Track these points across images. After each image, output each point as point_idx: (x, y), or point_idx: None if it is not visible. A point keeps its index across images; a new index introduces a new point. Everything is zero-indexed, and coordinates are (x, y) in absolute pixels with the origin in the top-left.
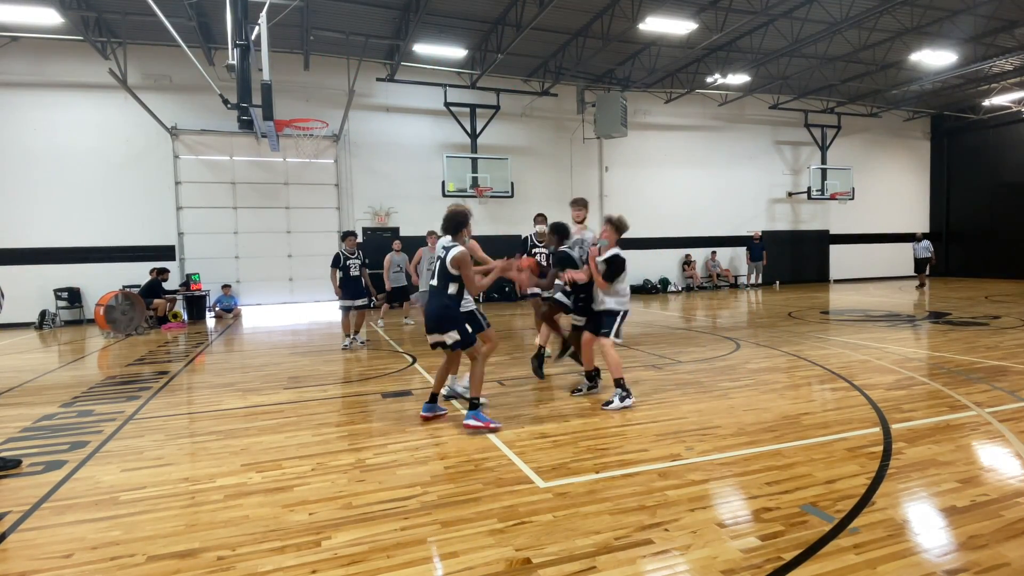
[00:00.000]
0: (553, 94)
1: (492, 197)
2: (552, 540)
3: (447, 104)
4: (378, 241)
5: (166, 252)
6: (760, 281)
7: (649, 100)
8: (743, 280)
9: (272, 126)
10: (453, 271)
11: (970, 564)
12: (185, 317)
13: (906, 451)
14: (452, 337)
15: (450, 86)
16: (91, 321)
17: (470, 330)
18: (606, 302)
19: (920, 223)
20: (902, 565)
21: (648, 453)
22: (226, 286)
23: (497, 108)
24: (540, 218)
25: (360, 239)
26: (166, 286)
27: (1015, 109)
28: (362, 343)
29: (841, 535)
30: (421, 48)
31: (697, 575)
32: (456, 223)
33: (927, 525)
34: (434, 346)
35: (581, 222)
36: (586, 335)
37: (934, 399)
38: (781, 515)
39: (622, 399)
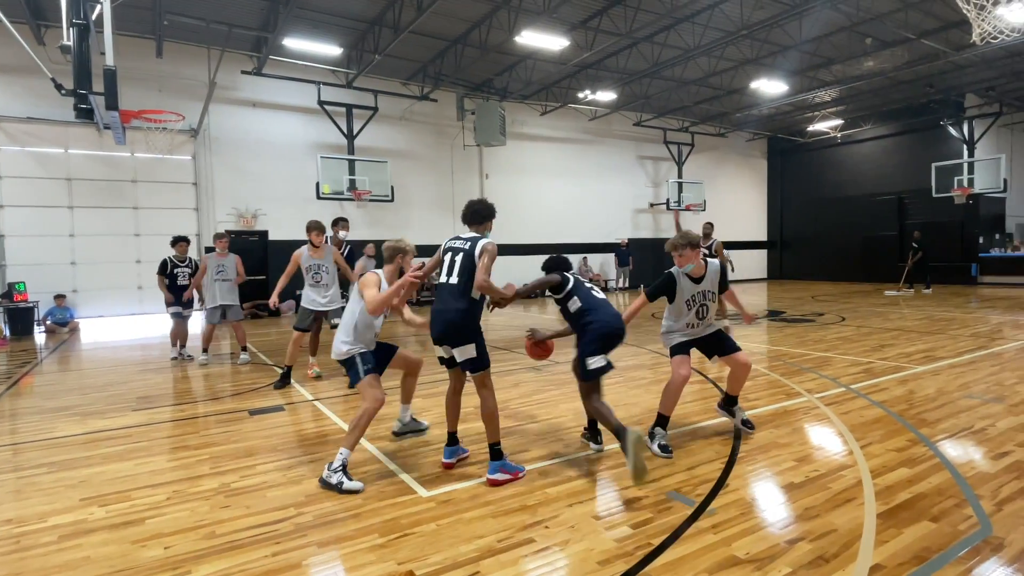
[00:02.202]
0: (433, 99)
1: (371, 201)
2: (436, 550)
3: (321, 103)
4: (244, 245)
5: None
6: (627, 284)
7: (525, 111)
8: (612, 284)
9: (117, 117)
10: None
11: (806, 533)
12: (7, 333)
13: (753, 436)
14: (467, 353)
15: (324, 84)
16: None
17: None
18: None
19: (760, 232)
20: (752, 539)
21: (529, 453)
22: (60, 296)
23: (375, 110)
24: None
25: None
26: None
27: (832, 135)
28: (189, 357)
29: (701, 517)
30: (292, 43)
31: (576, 568)
32: (485, 212)
33: (771, 502)
34: (443, 362)
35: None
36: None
37: (774, 388)
38: (650, 503)
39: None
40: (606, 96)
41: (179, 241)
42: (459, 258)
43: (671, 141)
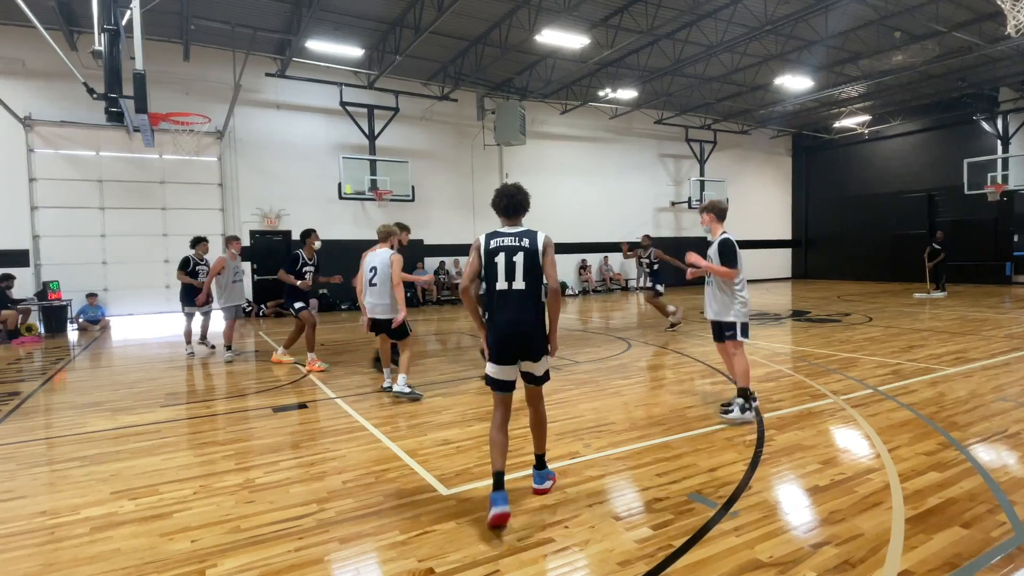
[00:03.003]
0: (453, 99)
1: (392, 200)
2: (455, 547)
3: (343, 103)
4: (268, 245)
5: (18, 257)
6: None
7: (546, 110)
8: (633, 283)
9: (146, 119)
10: (543, 263)
11: (831, 537)
12: (42, 330)
13: (776, 438)
14: (547, 362)
15: (346, 85)
16: None
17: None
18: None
19: (784, 230)
20: (776, 543)
21: (549, 452)
22: (92, 295)
23: (396, 110)
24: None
25: (247, 242)
26: (14, 295)
27: (859, 131)
28: (191, 354)
29: (724, 519)
30: (315, 44)
31: (596, 569)
32: (527, 202)
33: (795, 504)
34: (502, 386)
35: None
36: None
37: (798, 389)
38: (670, 504)
39: (743, 410)
40: (627, 94)
41: (200, 241)
42: (519, 258)
43: (693, 139)
